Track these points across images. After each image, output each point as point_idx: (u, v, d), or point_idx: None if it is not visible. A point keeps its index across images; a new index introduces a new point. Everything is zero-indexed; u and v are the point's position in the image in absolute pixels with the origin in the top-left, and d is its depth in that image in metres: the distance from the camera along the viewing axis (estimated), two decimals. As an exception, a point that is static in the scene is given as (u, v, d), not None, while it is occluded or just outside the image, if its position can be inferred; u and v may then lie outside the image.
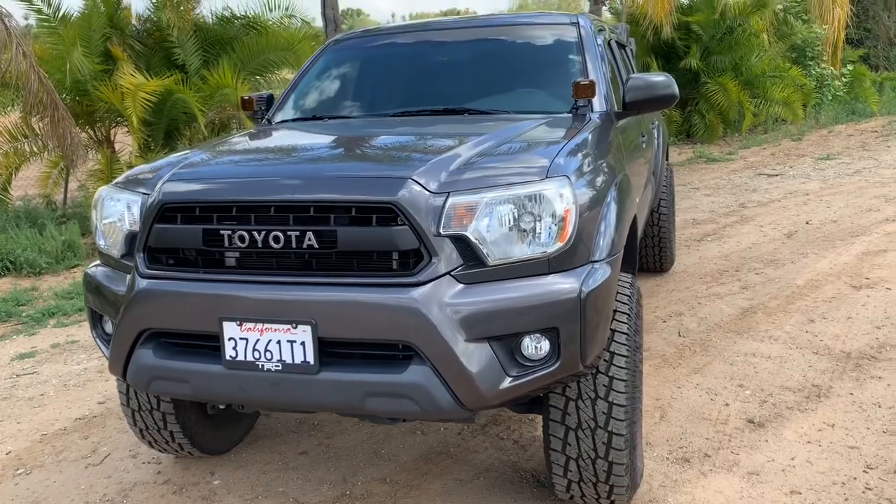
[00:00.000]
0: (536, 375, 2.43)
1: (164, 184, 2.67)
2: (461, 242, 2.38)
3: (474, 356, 2.35)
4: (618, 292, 2.85)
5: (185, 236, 2.56)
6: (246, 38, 10.46)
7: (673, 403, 3.88)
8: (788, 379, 4.10)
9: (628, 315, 2.79)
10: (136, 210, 2.72)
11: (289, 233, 2.42)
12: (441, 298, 2.33)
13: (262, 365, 2.47)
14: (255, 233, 2.46)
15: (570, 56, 3.75)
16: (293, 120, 3.88)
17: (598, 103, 3.50)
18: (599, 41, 3.99)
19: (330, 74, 4.13)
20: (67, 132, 9.38)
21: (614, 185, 2.96)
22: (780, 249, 6.84)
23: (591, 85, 3.28)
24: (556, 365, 2.43)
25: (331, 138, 3.33)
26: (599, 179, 2.84)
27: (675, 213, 8.25)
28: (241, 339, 2.48)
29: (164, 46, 10.16)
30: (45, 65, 9.56)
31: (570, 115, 3.40)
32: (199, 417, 3.36)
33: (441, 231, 2.36)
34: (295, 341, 2.43)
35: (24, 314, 6.26)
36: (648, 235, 5.96)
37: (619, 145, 3.46)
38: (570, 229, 2.46)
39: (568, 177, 2.51)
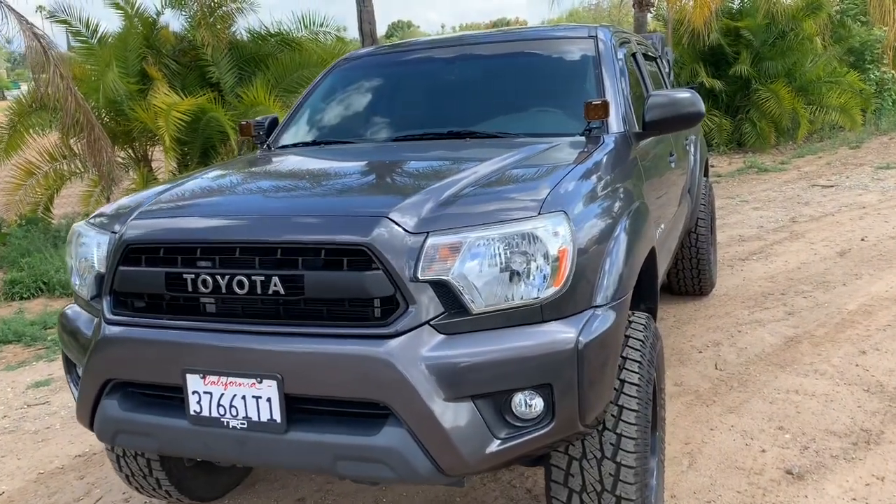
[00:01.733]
0: (529, 437, 2.17)
1: (130, 222, 2.49)
2: (442, 288, 2.13)
3: (456, 417, 2.09)
4: (629, 337, 2.56)
5: (149, 280, 2.37)
6: (280, 56, 10.40)
7: (703, 448, 3.55)
8: (834, 421, 3.72)
9: (640, 363, 2.50)
10: (104, 249, 2.54)
11: (254, 277, 2.21)
12: (418, 352, 2.09)
13: (228, 422, 2.26)
14: (218, 277, 2.25)
15: (586, 73, 3.47)
16: (293, 145, 3.68)
17: (614, 124, 3.22)
18: (620, 55, 3.70)
19: (335, 96, 3.93)
20: (104, 152, 9.45)
21: (627, 215, 2.68)
22: (832, 270, 6.39)
23: (604, 105, 3.00)
24: (551, 425, 2.16)
25: (317, 169, 3.10)
26: (607, 211, 2.57)
27: (718, 230, 7.87)
28: (205, 392, 2.27)
29: (199, 65, 10.17)
30: (82, 86, 9.66)
31: (583, 137, 3.12)
32: (185, 464, 3.17)
33: (419, 276, 2.11)
34: (260, 397, 2.21)
35: (48, 338, 6.22)
36: (685, 257, 5.61)
37: (637, 169, 3.17)
38: (566, 271, 2.19)
39: (565, 211, 2.25)
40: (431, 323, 2.12)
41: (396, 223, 2.15)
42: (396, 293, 2.11)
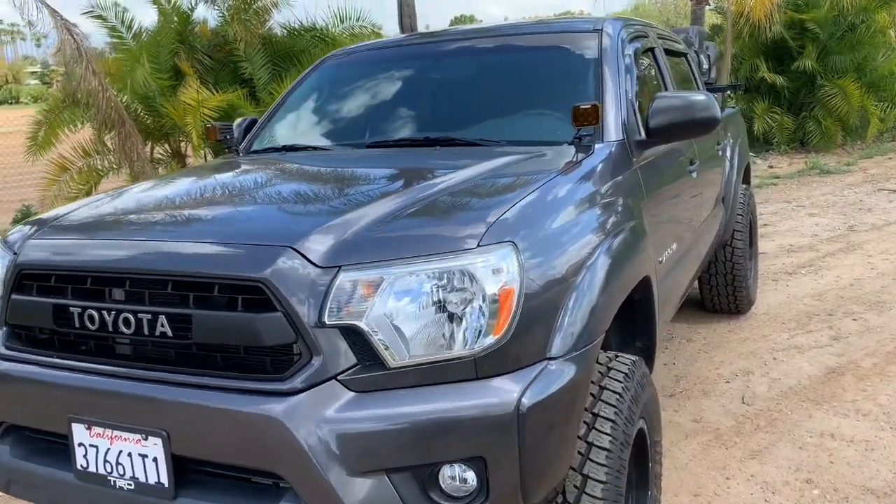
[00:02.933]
0: None
1: (26, 242, 2.19)
2: (354, 336, 1.77)
3: (366, 494, 1.73)
4: (604, 388, 2.15)
5: (38, 311, 2.07)
6: (315, 52, 10.15)
7: (715, 502, 3.09)
8: (873, 476, 3.21)
9: (614, 423, 2.08)
10: (1, 272, 2.25)
11: (140, 315, 1.88)
12: (321, 413, 1.73)
13: (114, 481, 1.94)
14: (105, 312, 1.93)
15: (586, 72, 3.04)
16: (263, 151, 3.35)
17: (611, 130, 2.79)
18: (630, 51, 3.25)
19: (315, 96, 3.58)
20: (135, 148, 9.40)
21: (612, 237, 2.27)
22: (890, 288, 5.77)
23: (594, 110, 2.57)
24: None
25: (254, 183, 2.73)
26: (581, 235, 2.17)
27: (766, 239, 7.27)
28: (90, 445, 1.96)
29: (233, 61, 10.01)
30: (117, 82, 9.61)
31: (572, 146, 2.71)
32: None
33: (326, 320, 1.75)
34: (147, 456, 1.88)
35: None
36: (719, 273, 5.10)
37: (636, 183, 2.74)
38: (509, 317, 1.80)
39: (514, 242, 1.86)
40: (339, 378, 1.76)
41: (302, 255, 1.79)
42: (298, 341, 1.75)
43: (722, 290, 5.15)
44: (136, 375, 1.90)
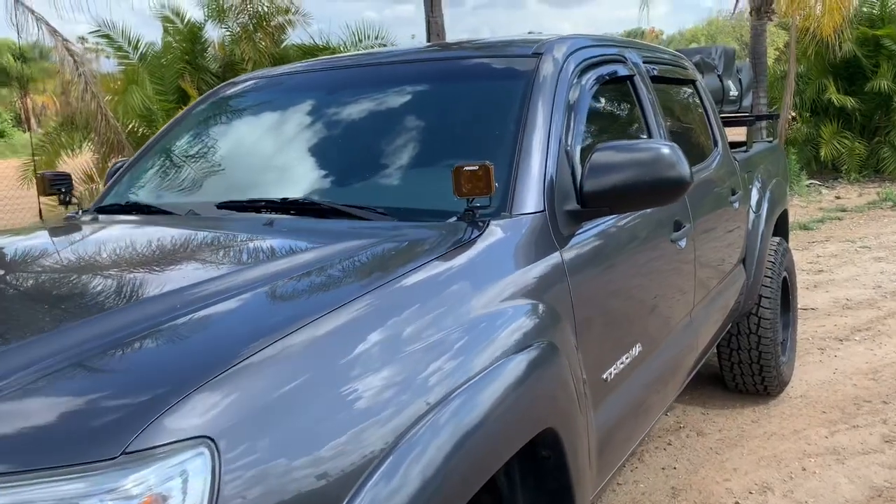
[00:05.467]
0: None
1: None
2: None
3: None
4: None
5: None
6: (330, 70, 9.52)
7: None
8: None
9: None
10: None
11: None
12: None
13: None
14: None
15: (506, 113, 2.19)
16: (107, 209, 2.60)
17: (525, 198, 1.95)
18: (584, 82, 2.40)
19: (188, 136, 2.83)
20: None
21: (465, 394, 1.44)
22: (966, 365, 4.68)
23: (484, 172, 1.73)
24: None
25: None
26: (392, 402, 1.33)
27: (819, 288, 6.18)
28: None
29: (242, 81, 9.46)
30: (120, 103, 9.18)
31: (462, 221, 1.88)
32: None
33: None
34: None
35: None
36: (742, 348, 4.14)
37: (554, 276, 1.90)
38: None
39: (212, 441, 1.05)
40: None
41: None
42: None
43: (746, 368, 4.18)
44: None
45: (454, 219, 1.88)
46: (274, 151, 2.53)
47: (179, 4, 9.60)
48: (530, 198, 1.96)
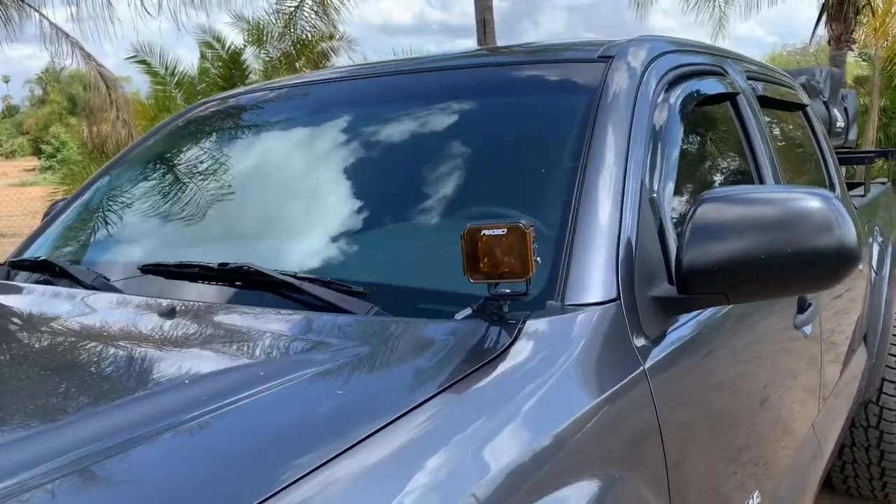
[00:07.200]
0: None
1: None
2: None
3: None
4: None
5: None
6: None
7: None
8: None
9: None
10: None
11: None
12: None
13: None
14: None
15: (563, 145, 1.45)
16: (25, 263, 1.91)
17: (590, 278, 1.20)
18: (672, 100, 1.63)
19: (142, 172, 2.15)
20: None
21: None
22: None
23: (518, 240, 1.00)
24: None
25: None
26: None
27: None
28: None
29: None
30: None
31: (481, 319, 1.13)
32: None
33: None
34: None
35: None
36: (857, 444, 3.28)
37: (636, 410, 1.14)
38: None
39: None
40: None
41: None
42: None
43: (862, 469, 3.32)
44: None
45: (466, 313, 1.14)
46: (226, 194, 1.82)
47: (220, 30, 9.14)
48: (595, 277, 1.20)
